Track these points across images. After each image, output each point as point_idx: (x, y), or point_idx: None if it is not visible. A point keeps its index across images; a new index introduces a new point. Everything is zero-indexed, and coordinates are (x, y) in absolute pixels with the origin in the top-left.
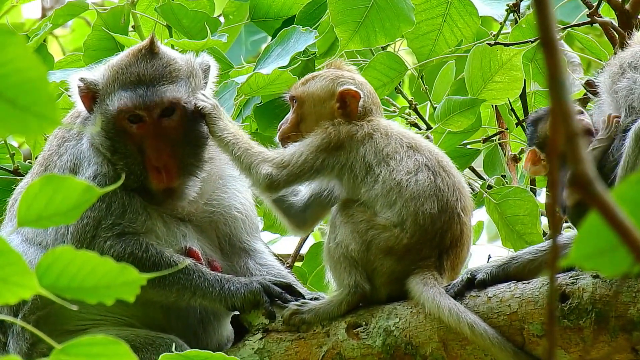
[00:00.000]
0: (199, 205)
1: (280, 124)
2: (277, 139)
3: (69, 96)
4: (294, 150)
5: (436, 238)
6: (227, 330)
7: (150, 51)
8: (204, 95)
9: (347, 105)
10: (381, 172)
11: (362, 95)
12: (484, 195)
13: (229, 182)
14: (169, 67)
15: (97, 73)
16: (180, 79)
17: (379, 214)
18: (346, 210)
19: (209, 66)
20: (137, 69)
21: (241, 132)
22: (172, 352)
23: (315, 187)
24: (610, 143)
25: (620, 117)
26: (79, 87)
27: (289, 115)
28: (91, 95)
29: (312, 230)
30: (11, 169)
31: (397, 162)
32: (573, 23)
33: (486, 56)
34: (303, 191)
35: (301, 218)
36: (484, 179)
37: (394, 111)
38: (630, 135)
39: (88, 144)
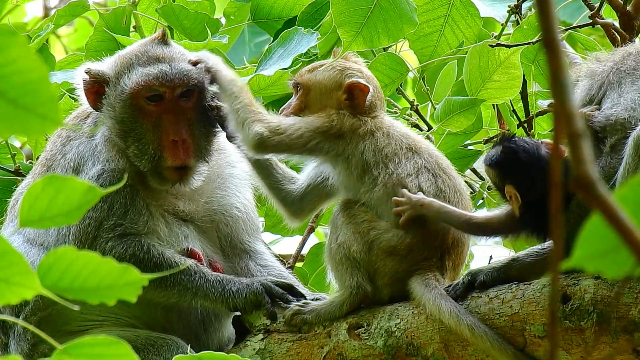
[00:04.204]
0: (200, 204)
1: (282, 108)
2: None
3: (71, 97)
4: (293, 122)
5: (438, 238)
6: (229, 330)
7: (163, 41)
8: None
9: (354, 98)
10: (379, 174)
11: (370, 90)
12: (484, 196)
13: (228, 182)
14: (183, 55)
15: (104, 64)
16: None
17: (381, 216)
18: (347, 211)
19: None
20: (154, 52)
21: (247, 88)
22: (175, 353)
23: (312, 175)
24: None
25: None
26: (84, 79)
27: (292, 101)
28: (96, 88)
29: (311, 218)
30: (12, 169)
31: (395, 165)
32: (575, 24)
33: (484, 55)
34: (301, 180)
35: (298, 207)
36: (485, 180)
37: (395, 112)
38: (630, 142)
39: (101, 139)
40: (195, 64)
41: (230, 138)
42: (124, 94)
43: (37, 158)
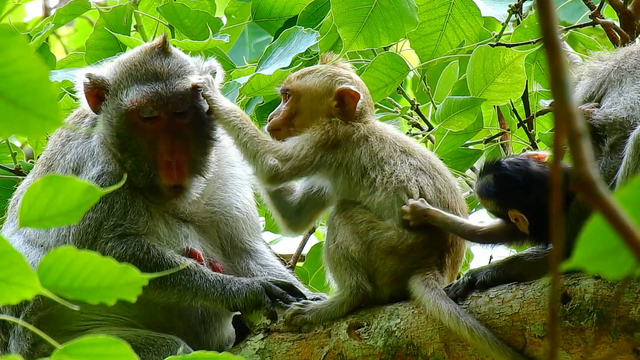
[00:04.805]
0: (201, 205)
1: (270, 114)
2: (266, 129)
3: (71, 96)
4: (295, 144)
5: (440, 238)
6: (229, 330)
7: (163, 50)
8: (199, 76)
9: (344, 105)
10: (377, 176)
11: (361, 97)
12: None
13: (229, 182)
14: (182, 67)
15: (105, 70)
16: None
17: (384, 219)
18: (345, 212)
19: (215, 71)
20: (152, 66)
21: (246, 116)
22: (175, 353)
23: (307, 186)
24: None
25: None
26: (84, 83)
27: (281, 107)
28: (96, 92)
29: (307, 230)
30: (13, 169)
31: (391, 167)
32: (575, 24)
33: (489, 57)
34: (297, 191)
35: (295, 220)
36: None
37: (396, 112)
38: (630, 142)
39: (97, 141)
40: (194, 88)
41: None
42: (121, 110)
43: (38, 157)
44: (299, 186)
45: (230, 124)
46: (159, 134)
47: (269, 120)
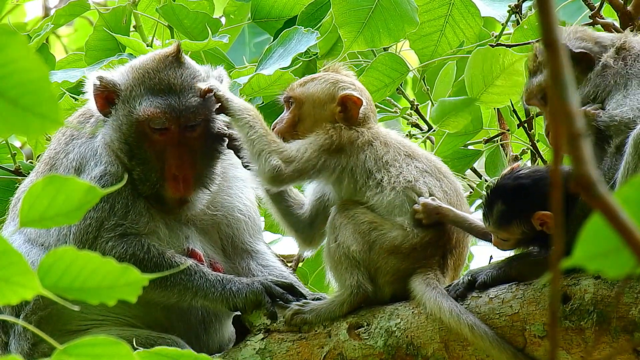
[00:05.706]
0: (202, 207)
1: (274, 123)
2: None
3: (71, 96)
4: (299, 147)
5: (443, 238)
6: (229, 330)
7: (177, 59)
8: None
9: (347, 110)
10: (383, 177)
11: (363, 103)
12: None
13: (231, 184)
14: (195, 78)
15: (116, 73)
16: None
17: (392, 219)
18: (346, 212)
19: (223, 79)
20: (166, 77)
21: (259, 115)
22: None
23: (313, 198)
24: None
25: (597, 110)
26: (94, 85)
27: (285, 115)
28: (106, 95)
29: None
30: (12, 169)
31: (397, 169)
32: (575, 24)
33: (488, 60)
34: (306, 204)
35: (309, 234)
36: (486, 181)
37: (396, 112)
38: (630, 141)
39: (101, 142)
40: (204, 94)
41: (246, 166)
42: (132, 118)
43: (37, 157)
44: (307, 200)
45: (241, 121)
46: (168, 146)
47: (273, 129)
